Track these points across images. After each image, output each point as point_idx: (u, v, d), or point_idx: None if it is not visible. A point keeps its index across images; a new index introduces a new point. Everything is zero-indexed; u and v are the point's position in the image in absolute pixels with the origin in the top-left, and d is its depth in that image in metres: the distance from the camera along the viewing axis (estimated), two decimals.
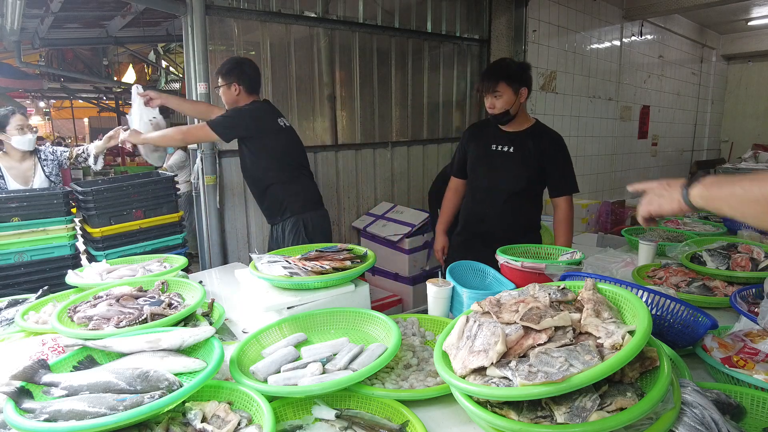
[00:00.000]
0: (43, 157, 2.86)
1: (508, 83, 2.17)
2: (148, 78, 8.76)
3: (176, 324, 1.36)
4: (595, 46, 6.10)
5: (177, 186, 2.74)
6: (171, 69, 7.78)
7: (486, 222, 2.36)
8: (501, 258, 1.71)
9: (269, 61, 3.61)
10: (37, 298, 1.75)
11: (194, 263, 3.59)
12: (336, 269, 1.64)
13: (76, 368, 1.18)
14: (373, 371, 1.15)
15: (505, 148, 2.29)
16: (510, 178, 2.28)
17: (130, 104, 2.75)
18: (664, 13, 6.47)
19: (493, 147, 2.32)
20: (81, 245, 2.57)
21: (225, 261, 3.49)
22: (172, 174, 2.80)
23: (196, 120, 3.14)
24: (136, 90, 2.71)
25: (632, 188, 1.35)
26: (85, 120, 14.68)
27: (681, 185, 1.11)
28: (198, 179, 3.39)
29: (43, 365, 1.12)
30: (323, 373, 1.19)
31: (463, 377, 0.99)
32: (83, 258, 2.54)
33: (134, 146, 2.78)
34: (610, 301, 1.09)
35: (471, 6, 4.86)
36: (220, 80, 2.65)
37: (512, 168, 2.27)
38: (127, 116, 2.75)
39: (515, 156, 2.27)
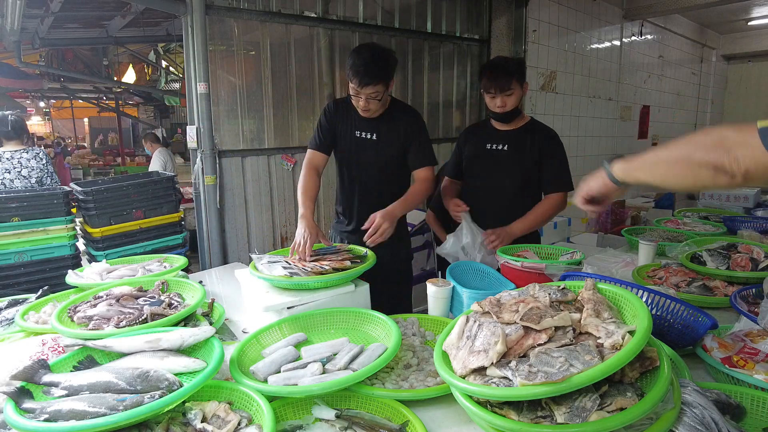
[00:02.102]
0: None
1: (518, 80, 2.19)
2: (148, 78, 8.74)
3: (176, 324, 1.36)
4: (595, 46, 6.10)
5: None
6: (171, 69, 7.78)
7: (484, 221, 2.36)
8: (501, 258, 1.71)
9: (269, 61, 3.61)
10: (37, 298, 1.75)
11: (194, 263, 3.59)
12: (336, 269, 1.64)
13: (76, 368, 1.18)
14: (373, 371, 1.15)
15: (500, 147, 2.30)
16: (506, 177, 2.28)
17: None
18: (664, 13, 6.47)
19: (488, 146, 2.32)
20: (81, 245, 2.58)
21: (225, 261, 3.49)
22: (172, 174, 2.80)
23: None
24: None
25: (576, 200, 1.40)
26: (85, 120, 14.67)
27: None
28: (198, 179, 3.39)
29: (43, 365, 1.12)
30: (323, 373, 1.19)
31: (463, 377, 0.99)
32: (83, 258, 2.55)
33: None
34: (610, 301, 1.09)
35: (471, 6, 4.85)
36: (387, 84, 2.06)
37: (508, 166, 2.27)
38: None
39: (511, 154, 2.27)
